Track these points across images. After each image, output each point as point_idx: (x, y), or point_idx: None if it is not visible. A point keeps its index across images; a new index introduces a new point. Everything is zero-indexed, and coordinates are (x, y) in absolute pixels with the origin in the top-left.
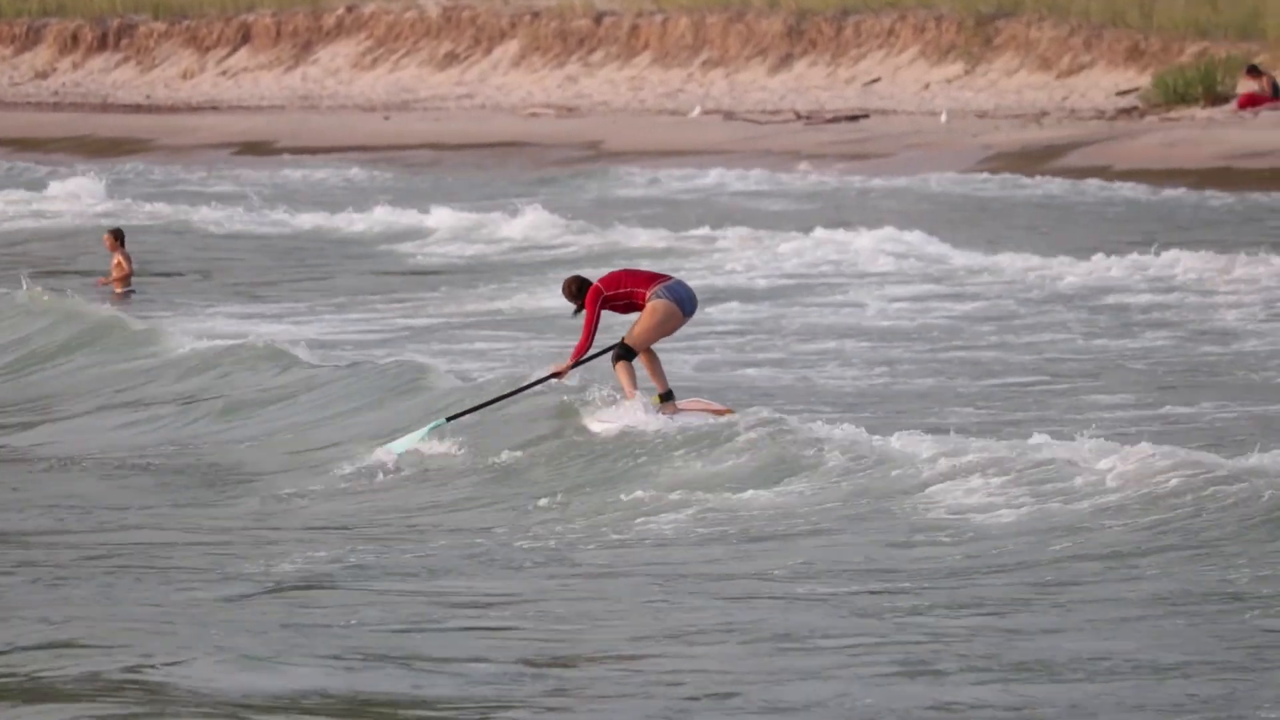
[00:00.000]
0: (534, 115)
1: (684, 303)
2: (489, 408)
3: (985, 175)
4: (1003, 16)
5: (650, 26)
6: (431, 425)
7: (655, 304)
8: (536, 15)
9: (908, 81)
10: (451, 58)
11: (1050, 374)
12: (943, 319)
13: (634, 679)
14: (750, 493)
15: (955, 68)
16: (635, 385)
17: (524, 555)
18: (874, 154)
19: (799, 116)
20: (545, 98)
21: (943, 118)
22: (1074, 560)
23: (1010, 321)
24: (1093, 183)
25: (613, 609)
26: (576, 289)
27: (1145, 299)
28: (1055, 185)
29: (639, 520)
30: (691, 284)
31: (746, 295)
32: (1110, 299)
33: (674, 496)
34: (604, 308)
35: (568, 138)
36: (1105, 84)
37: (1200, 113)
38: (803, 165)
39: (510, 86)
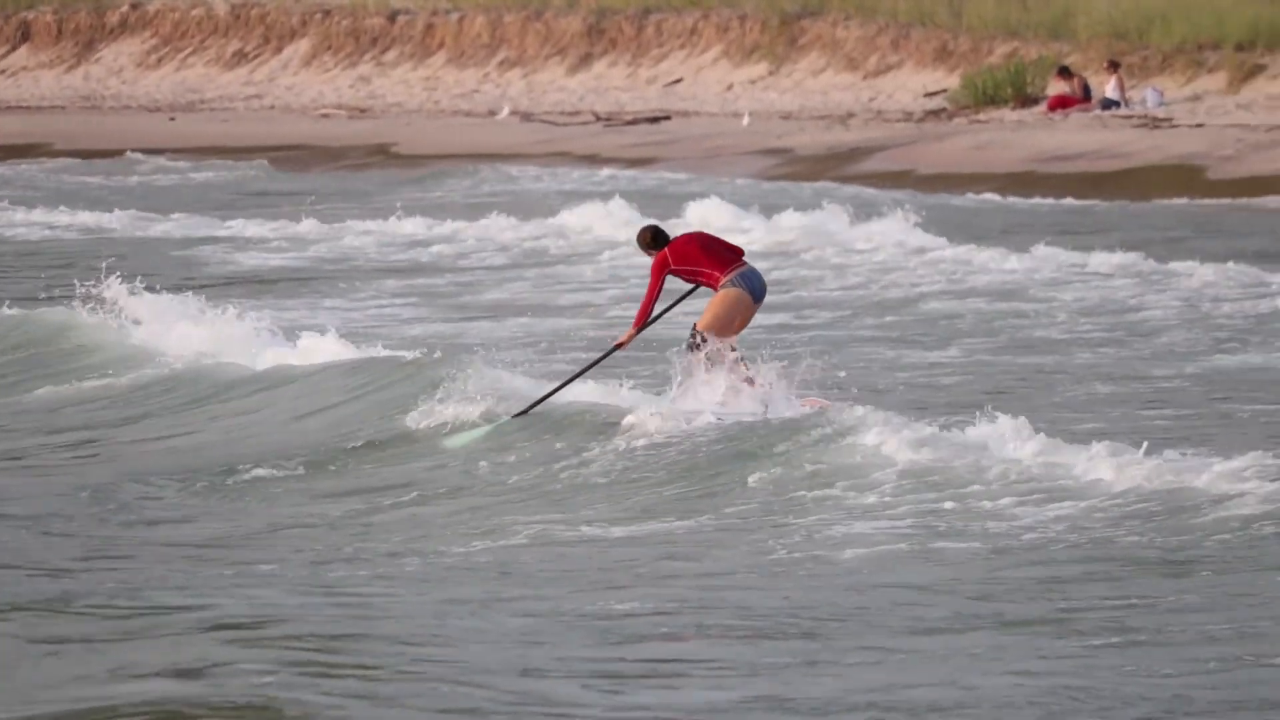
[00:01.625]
0: (325, 116)
1: (755, 291)
2: (552, 397)
3: (782, 179)
4: (808, 16)
5: (445, 25)
6: (494, 424)
7: (727, 291)
8: (328, 13)
9: (710, 82)
10: (240, 57)
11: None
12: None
13: None
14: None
15: (759, 68)
16: (711, 367)
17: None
18: (671, 157)
19: (599, 118)
20: (337, 98)
21: (745, 120)
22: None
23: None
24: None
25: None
26: (651, 238)
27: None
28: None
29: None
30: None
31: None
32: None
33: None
34: (670, 274)
35: (359, 139)
36: (913, 85)
37: (1010, 114)
38: (606, 171)
39: (301, 87)
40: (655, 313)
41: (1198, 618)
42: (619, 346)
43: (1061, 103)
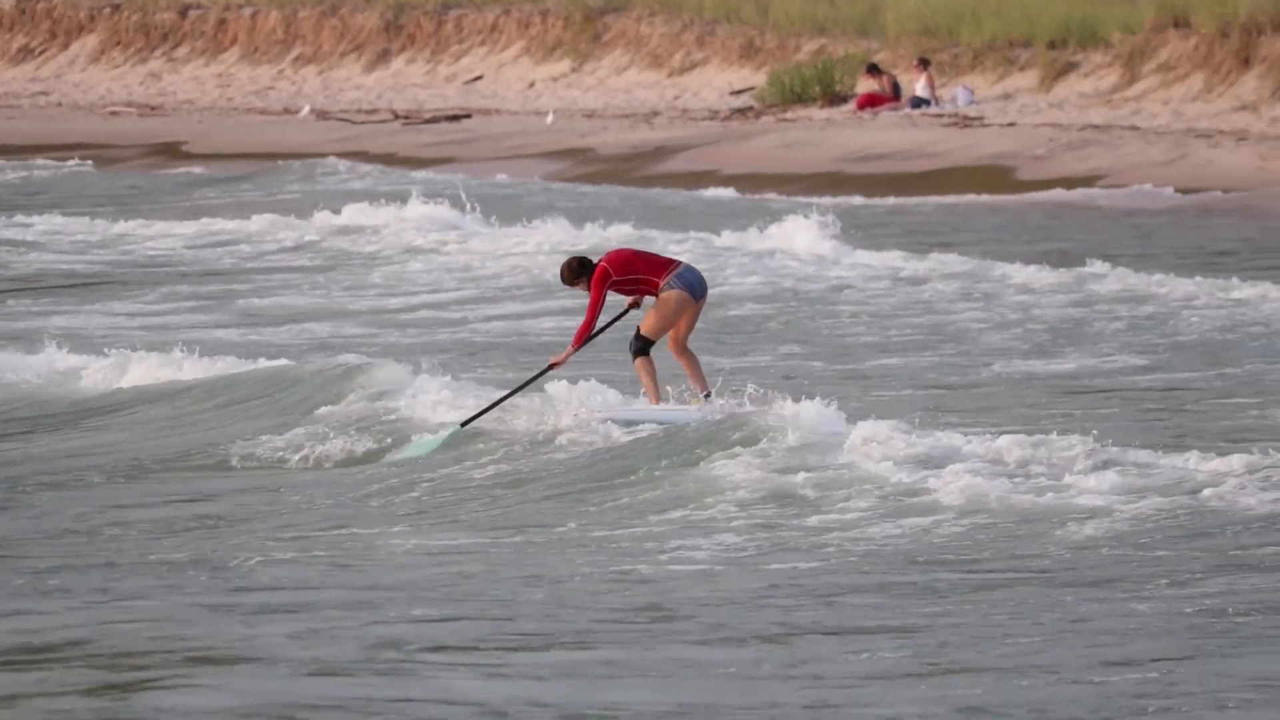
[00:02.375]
0: (115, 114)
1: (694, 288)
2: (498, 407)
3: (579, 180)
4: (612, 12)
5: (238, 21)
6: (447, 434)
7: (668, 294)
8: (117, 8)
9: (512, 80)
10: (26, 52)
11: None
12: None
13: None
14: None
15: (562, 65)
16: (658, 384)
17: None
18: (471, 157)
19: (397, 116)
20: (127, 95)
21: (549, 118)
22: None
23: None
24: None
25: None
26: (578, 268)
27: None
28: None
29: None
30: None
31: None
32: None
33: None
34: (610, 289)
35: (149, 137)
36: (719, 83)
37: (818, 113)
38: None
39: (89, 83)
40: (596, 328)
41: (1001, 632)
42: (554, 366)
43: (870, 101)
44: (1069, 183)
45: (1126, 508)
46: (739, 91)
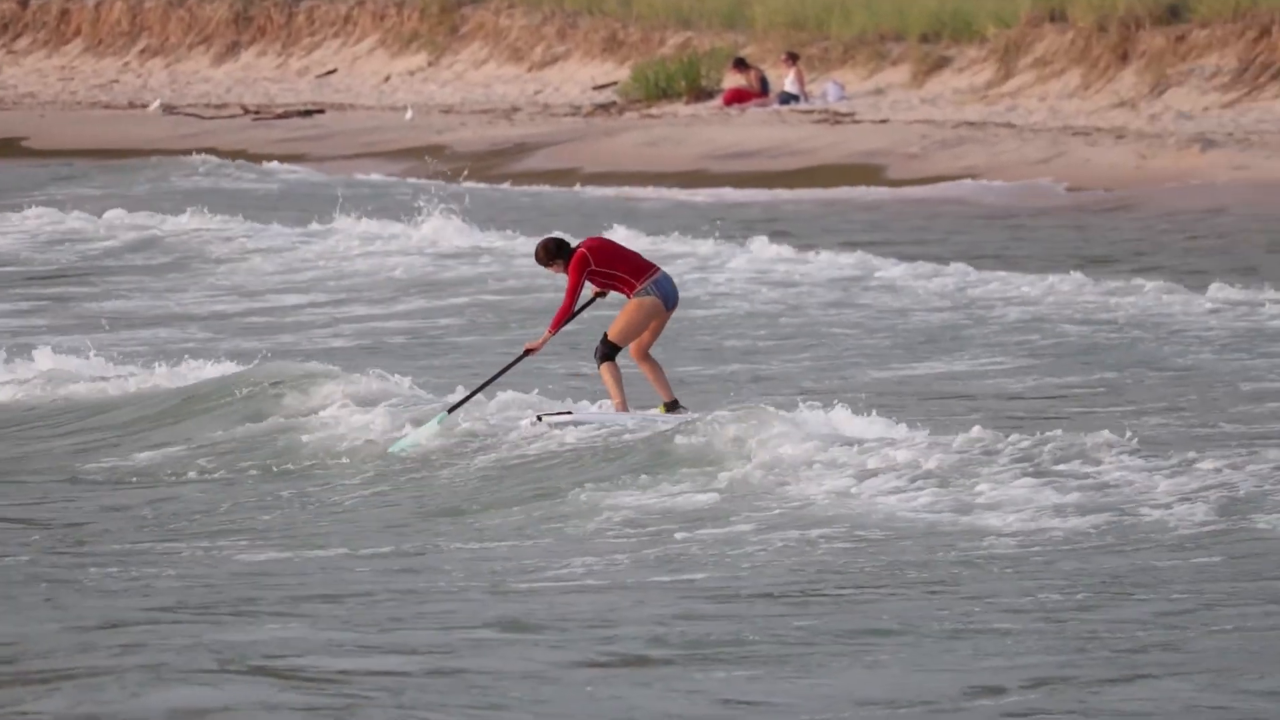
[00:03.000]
0: None
1: (668, 298)
2: (481, 393)
3: (437, 178)
4: (470, 3)
5: (82, 11)
6: (436, 419)
7: (642, 300)
8: None
9: (366, 73)
10: None
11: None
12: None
13: None
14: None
15: (418, 58)
16: (623, 391)
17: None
18: (324, 154)
19: (247, 111)
20: None
21: (408, 114)
22: None
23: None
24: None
25: None
26: (555, 249)
27: None
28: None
29: None
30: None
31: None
32: None
33: None
34: (588, 275)
35: None
36: (581, 77)
37: (684, 109)
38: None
39: None
40: (570, 315)
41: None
42: (530, 352)
43: (738, 96)
44: (943, 182)
45: (1006, 522)
46: (602, 86)
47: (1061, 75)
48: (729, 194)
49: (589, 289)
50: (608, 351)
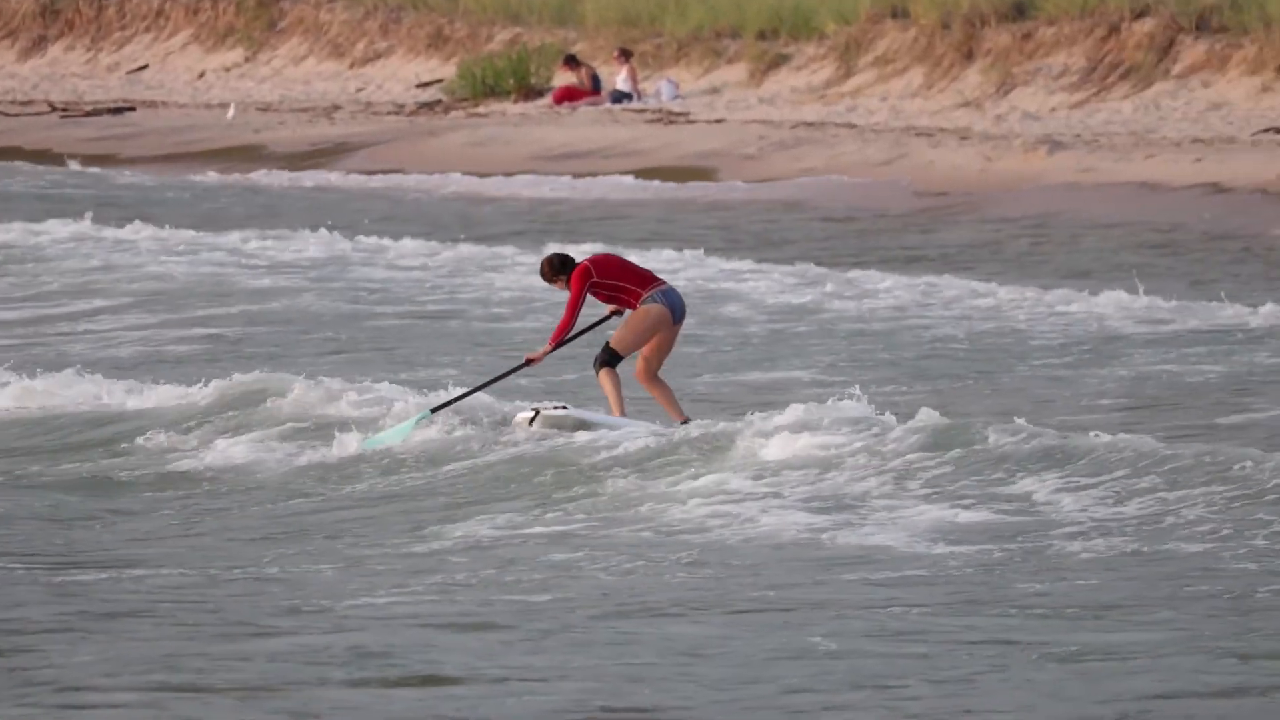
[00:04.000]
0: None
1: (675, 309)
2: (469, 397)
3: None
4: None
5: None
6: (416, 417)
7: (648, 307)
8: None
9: (180, 70)
10: None
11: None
12: None
13: None
14: None
15: (234, 54)
16: (621, 398)
17: None
18: (135, 154)
19: (54, 108)
20: None
21: (231, 112)
22: None
23: None
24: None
25: None
26: (560, 264)
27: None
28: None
29: None
30: None
31: None
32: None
33: None
34: (589, 291)
35: None
36: (405, 74)
37: (512, 108)
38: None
39: None
40: (574, 332)
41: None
42: (530, 362)
43: (568, 95)
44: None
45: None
46: (426, 84)
47: (904, 74)
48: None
49: (604, 308)
50: (608, 358)
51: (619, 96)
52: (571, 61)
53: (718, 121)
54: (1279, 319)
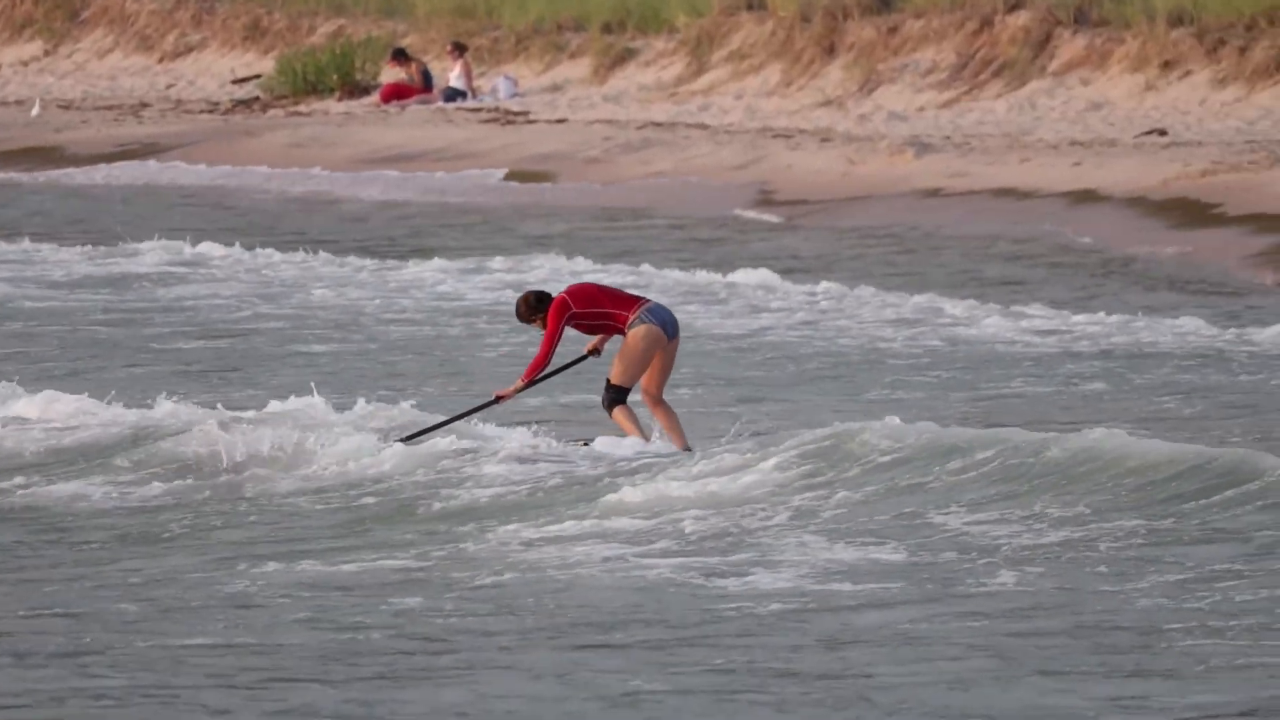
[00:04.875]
0: None
1: (667, 325)
2: (440, 430)
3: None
4: None
5: None
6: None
7: (636, 331)
8: None
9: None
10: None
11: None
12: None
13: None
14: None
15: (33, 46)
16: (639, 425)
17: None
18: None
19: None
20: None
21: (35, 110)
22: None
23: None
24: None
25: None
26: (536, 302)
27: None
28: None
29: None
30: None
31: None
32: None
33: None
34: (569, 324)
35: None
36: (219, 69)
37: (336, 106)
38: None
39: None
40: (549, 369)
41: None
42: (500, 399)
43: (397, 93)
44: (634, 189)
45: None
46: (243, 80)
47: (760, 70)
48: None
49: (577, 344)
50: (615, 396)
51: (452, 94)
52: (400, 56)
53: (559, 121)
54: (1119, 332)
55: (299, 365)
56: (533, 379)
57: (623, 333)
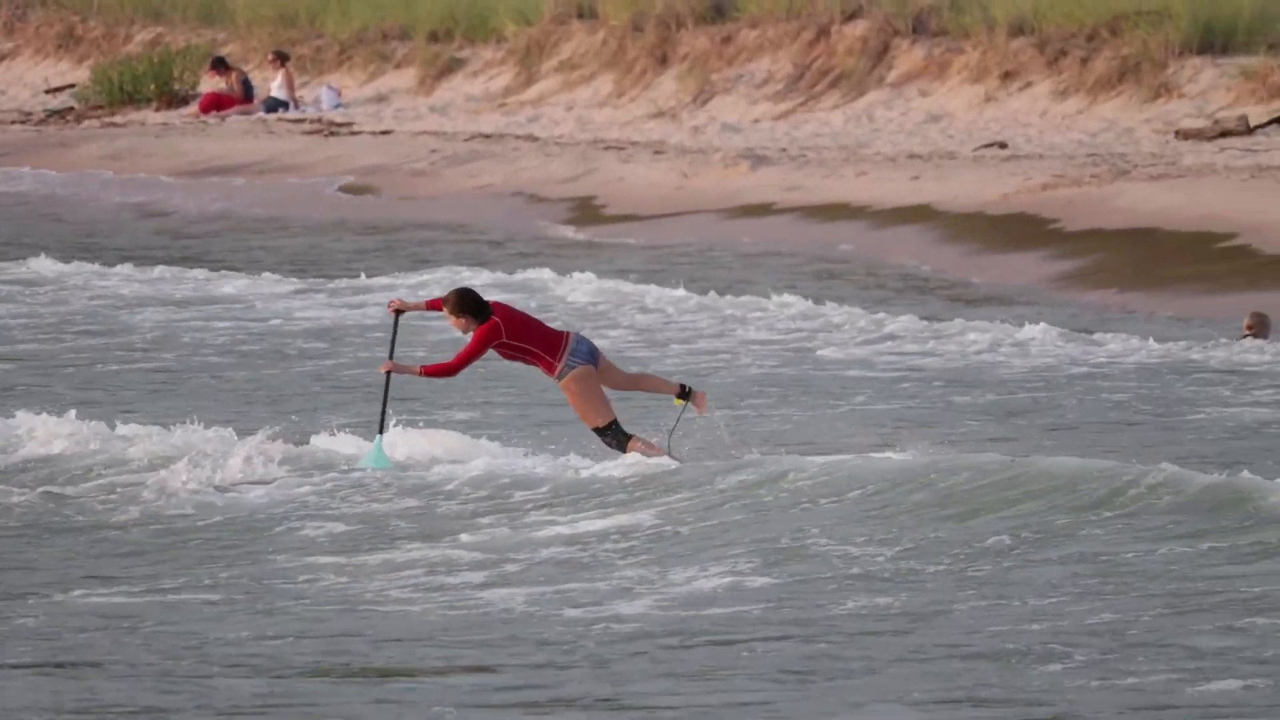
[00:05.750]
0: None
1: (592, 356)
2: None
3: None
4: None
5: None
6: (377, 441)
7: (568, 379)
8: None
9: None
10: None
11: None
12: None
13: None
14: None
15: None
16: (653, 444)
17: None
18: None
19: None
20: None
21: None
22: None
23: None
24: None
25: None
26: (474, 307)
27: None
28: None
29: None
30: None
31: None
32: None
33: None
34: (498, 346)
35: None
36: (32, 78)
37: (154, 116)
38: None
39: None
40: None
41: None
42: (392, 370)
43: (217, 103)
44: (452, 201)
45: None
46: (57, 89)
47: (591, 81)
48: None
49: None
50: (611, 433)
51: (274, 105)
52: (220, 65)
53: (384, 133)
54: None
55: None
56: (429, 375)
57: (550, 374)
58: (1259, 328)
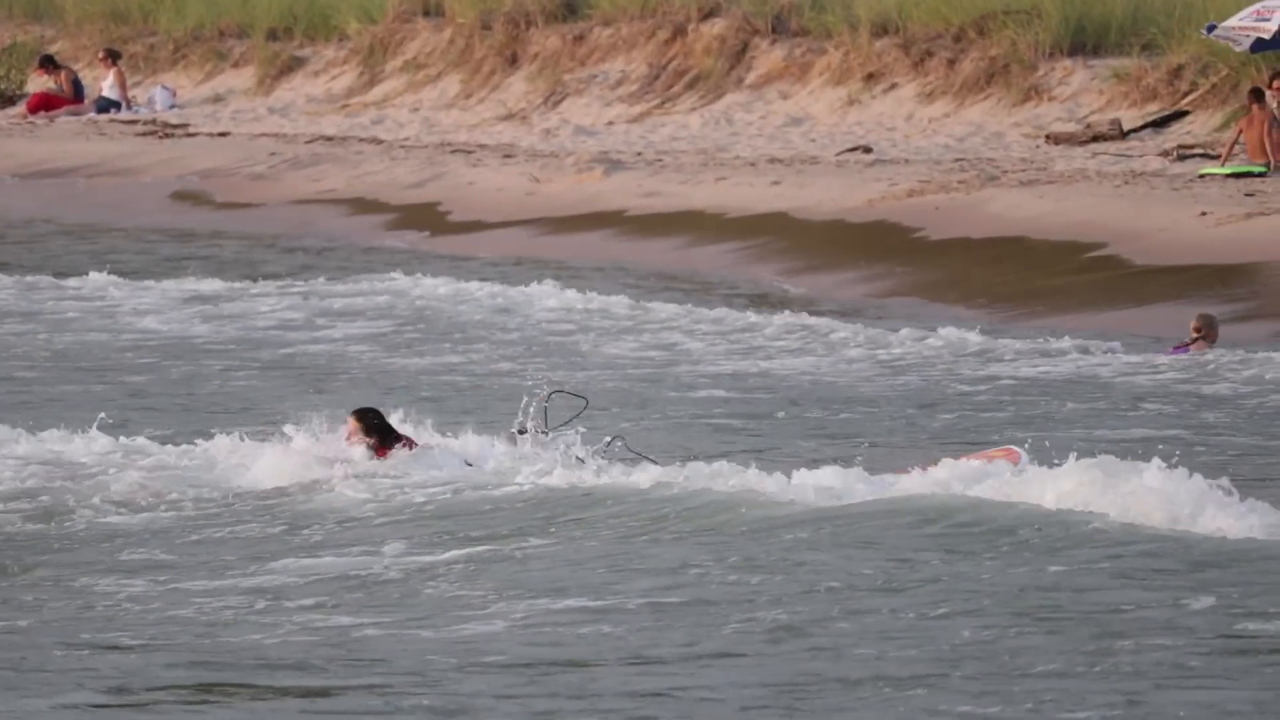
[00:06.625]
0: None
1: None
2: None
3: None
4: None
5: None
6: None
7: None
8: None
9: None
10: None
11: None
12: None
13: None
14: None
15: None
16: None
17: None
18: None
19: None
20: None
21: None
22: None
23: None
24: None
25: None
26: (382, 434)
27: None
28: None
29: None
30: None
31: None
32: None
33: None
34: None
35: None
36: None
37: None
38: None
39: None
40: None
41: None
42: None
43: (45, 103)
44: (300, 209)
45: None
46: None
47: (438, 81)
48: None
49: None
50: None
51: (105, 105)
52: (49, 64)
53: (221, 135)
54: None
55: None
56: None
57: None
58: (1206, 330)
